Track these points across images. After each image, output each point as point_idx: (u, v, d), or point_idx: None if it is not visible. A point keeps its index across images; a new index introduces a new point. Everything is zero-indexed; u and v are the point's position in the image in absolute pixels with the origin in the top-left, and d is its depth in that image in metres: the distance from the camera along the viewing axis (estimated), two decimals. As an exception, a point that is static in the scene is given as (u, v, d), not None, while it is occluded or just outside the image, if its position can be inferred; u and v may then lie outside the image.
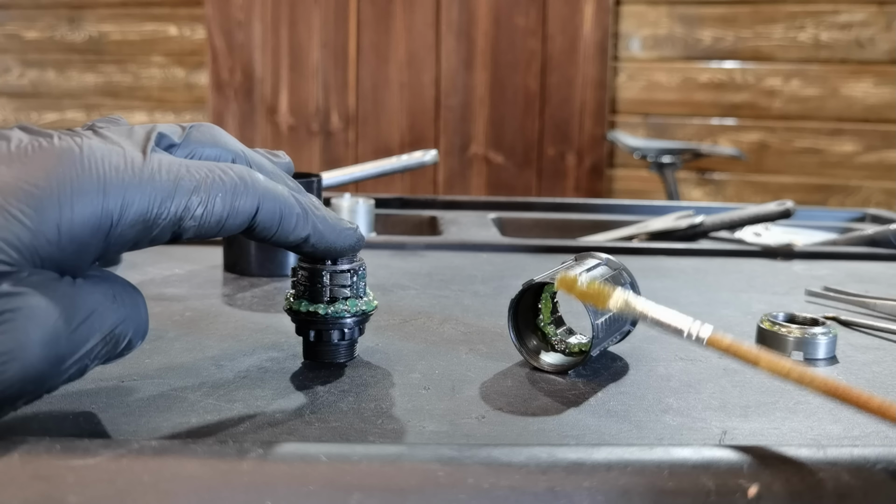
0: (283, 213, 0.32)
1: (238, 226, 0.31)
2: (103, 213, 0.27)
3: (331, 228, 0.34)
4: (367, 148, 2.61)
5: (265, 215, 0.31)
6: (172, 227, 0.29)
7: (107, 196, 0.27)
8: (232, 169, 0.31)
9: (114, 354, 0.29)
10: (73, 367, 0.27)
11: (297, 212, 0.33)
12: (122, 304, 0.29)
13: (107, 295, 0.28)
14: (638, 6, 2.42)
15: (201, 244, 0.66)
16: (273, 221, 0.32)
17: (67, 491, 0.23)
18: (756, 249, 0.69)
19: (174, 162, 0.30)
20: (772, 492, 0.25)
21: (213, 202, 0.30)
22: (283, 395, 0.34)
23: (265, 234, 0.32)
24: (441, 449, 0.26)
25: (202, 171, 0.30)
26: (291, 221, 0.32)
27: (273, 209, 0.32)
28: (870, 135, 2.31)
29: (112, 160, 0.28)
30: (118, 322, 0.28)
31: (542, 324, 0.39)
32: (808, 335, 0.40)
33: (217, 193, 0.30)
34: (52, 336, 0.26)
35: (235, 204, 0.30)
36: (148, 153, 0.29)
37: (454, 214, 0.88)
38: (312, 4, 2.59)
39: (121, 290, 0.29)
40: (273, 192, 0.32)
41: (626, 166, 2.51)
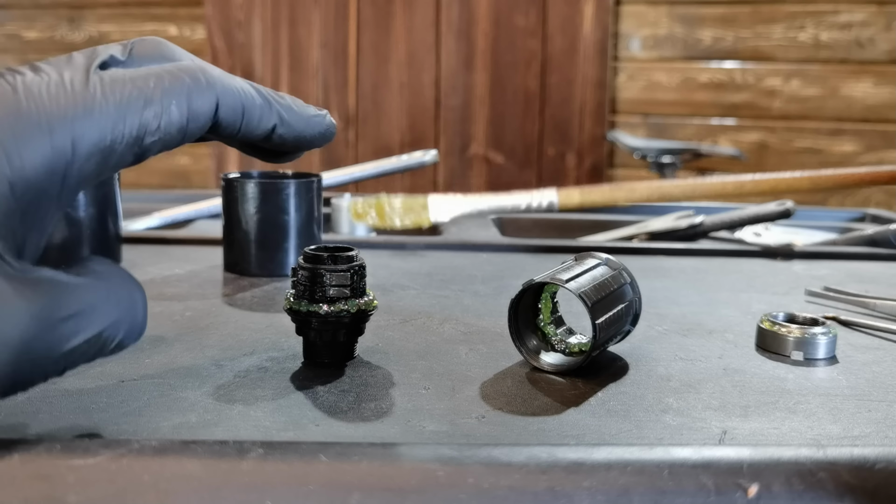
0: (245, 104, 0.30)
1: (201, 127, 0.29)
2: (55, 154, 0.26)
3: (297, 116, 0.33)
4: (367, 148, 2.61)
5: (226, 111, 0.30)
6: (132, 148, 0.27)
7: (54, 134, 0.25)
8: (182, 70, 0.29)
9: (101, 355, 0.27)
10: (50, 369, 0.25)
11: (258, 102, 0.31)
12: (117, 304, 0.27)
13: (99, 293, 0.27)
14: (638, 6, 2.42)
15: (201, 244, 0.66)
16: (236, 116, 0.30)
17: (67, 491, 0.23)
18: (756, 249, 0.69)
19: (118, 78, 0.27)
20: (772, 492, 0.25)
21: (168, 111, 0.28)
22: (283, 395, 0.34)
23: (230, 130, 0.30)
24: (441, 449, 0.26)
25: (151, 80, 0.28)
26: (255, 113, 0.31)
27: (234, 104, 0.30)
28: (870, 135, 2.31)
29: (52, 92, 0.26)
30: (108, 324, 0.27)
31: (542, 324, 0.39)
32: (808, 335, 0.40)
33: (171, 100, 0.28)
34: (21, 337, 0.24)
35: (193, 106, 0.29)
36: (91, 77, 0.27)
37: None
38: (312, 4, 2.59)
39: (118, 288, 0.27)
40: (231, 86, 0.30)
41: (626, 166, 2.51)
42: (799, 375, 0.38)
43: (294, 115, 0.33)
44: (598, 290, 0.37)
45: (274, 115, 0.32)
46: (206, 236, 0.68)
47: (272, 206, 0.54)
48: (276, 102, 0.32)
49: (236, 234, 0.55)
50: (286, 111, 0.32)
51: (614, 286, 0.39)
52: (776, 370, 0.39)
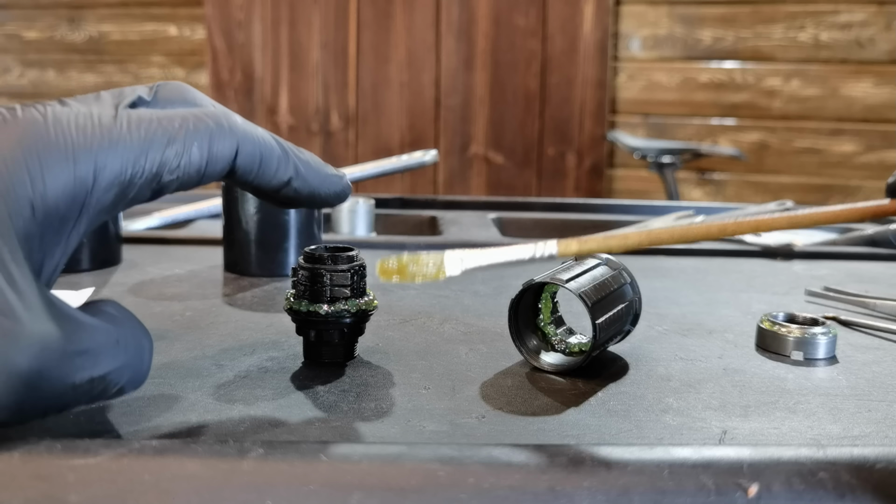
0: (263, 154, 0.31)
1: (219, 172, 0.30)
2: (76, 182, 0.26)
3: (314, 172, 0.33)
4: (367, 148, 2.61)
5: (245, 158, 0.30)
6: (150, 184, 0.28)
7: (77, 163, 0.26)
8: (206, 114, 0.30)
9: (102, 398, 0.27)
10: (52, 403, 0.25)
11: (277, 153, 0.32)
12: (125, 349, 0.27)
13: (110, 336, 0.27)
14: (638, 6, 2.42)
15: (201, 244, 0.66)
16: (253, 164, 0.31)
17: (68, 490, 0.23)
18: (756, 249, 0.69)
19: (144, 116, 0.28)
20: (772, 492, 0.25)
21: (189, 151, 0.29)
22: (283, 395, 0.34)
23: (246, 177, 0.31)
24: (441, 449, 0.26)
25: (176, 121, 0.29)
26: (272, 163, 0.31)
27: (252, 151, 0.31)
28: (870, 135, 2.31)
29: (79, 123, 0.27)
30: (114, 367, 0.27)
31: (542, 324, 0.39)
32: (808, 335, 0.40)
33: (193, 141, 0.29)
34: (30, 366, 0.24)
35: (214, 150, 0.29)
36: (119, 112, 0.28)
37: (454, 214, 0.88)
38: (312, 4, 2.59)
39: (128, 335, 0.28)
40: (252, 134, 0.31)
41: (626, 166, 2.51)
42: (799, 375, 0.38)
43: (311, 171, 0.33)
44: (598, 290, 0.37)
45: (291, 167, 0.32)
46: (206, 236, 0.68)
47: (272, 207, 0.54)
48: (295, 156, 0.33)
49: (236, 234, 0.56)
50: (303, 166, 0.33)
51: (614, 286, 0.39)
52: (776, 370, 0.39)
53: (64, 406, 0.26)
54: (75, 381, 0.25)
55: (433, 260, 0.32)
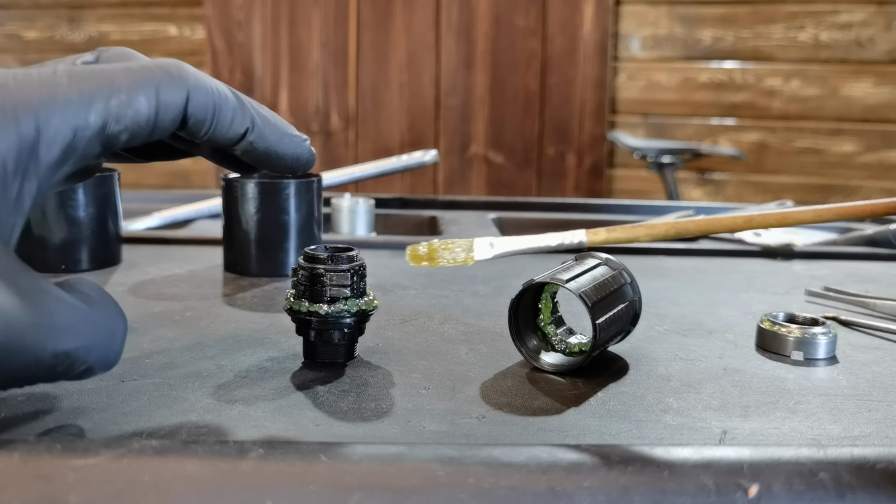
0: (218, 103, 0.30)
1: (171, 121, 0.29)
2: (20, 139, 0.26)
3: (272, 127, 0.32)
4: (367, 148, 2.61)
5: (197, 107, 0.29)
6: (98, 137, 0.27)
7: (18, 120, 0.26)
8: (154, 64, 0.29)
9: (67, 376, 0.27)
10: (7, 379, 0.25)
11: (232, 104, 0.31)
12: (94, 328, 0.27)
13: (77, 314, 0.26)
14: (638, 6, 2.42)
15: (201, 244, 0.66)
16: (206, 113, 0.30)
17: (68, 490, 0.23)
18: (756, 249, 0.69)
19: (86, 70, 0.28)
20: (772, 492, 0.25)
21: (136, 101, 0.28)
22: (283, 395, 0.34)
23: (199, 128, 0.30)
24: (441, 449, 0.26)
25: (119, 71, 0.28)
26: (227, 114, 0.30)
27: (205, 101, 0.29)
28: (870, 135, 2.31)
29: (18, 80, 0.26)
30: (79, 345, 0.26)
31: (543, 324, 0.39)
32: (808, 335, 0.40)
33: (139, 91, 0.28)
34: None
35: (162, 97, 0.28)
36: (58, 69, 0.27)
37: (454, 214, 0.88)
38: (312, 4, 2.59)
39: (100, 315, 0.27)
40: (204, 83, 0.30)
41: (626, 166, 2.51)
42: (799, 375, 0.38)
43: (269, 126, 0.32)
44: (598, 290, 0.37)
45: (247, 119, 0.31)
46: (206, 236, 0.68)
47: (272, 206, 0.54)
48: (253, 109, 0.32)
49: (236, 234, 0.55)
50: (261, 119, 0.32)
51: (614, 286, 0.39)
52: (776, 370, 0.39)
53: (25, 380, 0.26)
54: (37, 355, 0.25)
55: (463, 245, 0.32)
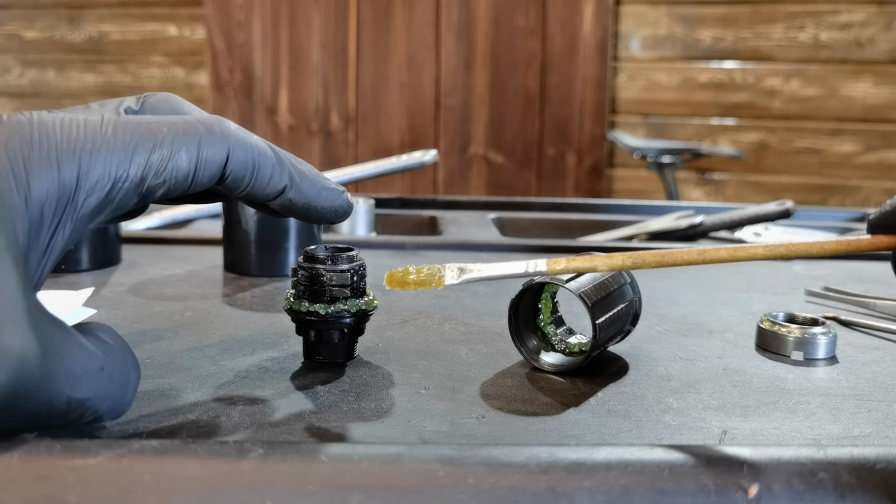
0: (257, 161, 0.30)
1: (210, 177, 0.29)
2: (60, 185, 0.26)
3: (310, 183, 0.32)
4: (367, 148, 2.61)
5: (237, 164, 0.29)
6: (136, 189, 0.28)
7: (61, 167, 0.26)
8: (197, 120, 0.29)
9: (76, 422, 0.26)
10: (22, 421, 0.25)
11: (272, 161, 0.31)
12: (109, 378, 0.27)
13: (94, 362, 0.26)
14: (638, 6, 2.42)
15: (201, 244, 0.66)
16: (245, 170, 0.30)
17: (68, 491, 0.23)
18: (756, 249, 0.69)
19: (132, 121, 0.28)
20: (772, 492, 0.25)
21: (177, 156, 0.28)
22: (283, 395, 0.34)
23: (238, 184, 0.30)
24: (441, 449, 0.26)
25: (164, 126, 0.28)
26: (266, 171, 0.30)
27: (245, 157, 0.30)
28: (870, 135, 2.31)
29: (64, 127, 0.27)
30: (92, 395, 0.26)
31: (542, 324, 0.39)
32: (808, 335, 0.40)
33: (181, 146, 0.28)
34: (7, 376, 0.23)
35: (203, 155, 0.29)
36: (104, 118, 0.28)
37: (454, 214, 0.88)
38: (312, 4, 2.59)
39: (115, 364, 0.27)
40: (245, 140, 0.30)
41: (626, 166, 2.51)
42: (799, 375, 0.38)
43: (307, 182, 0.32)
44: (598, 290, 0.37)
45: (286, 176, 0.31)
46: (206, 236, 0.68)
47: (272, 206, 0.54)
48: (291, 165, 0.32)
49: (236, 234, 0.56)
50: (299, 175, 0.32)
51: (614, 286, 0.39)
52: (776, 370, 0.39)
53: (37, 426, 0.26)
54: (52, 402, 0.25)
55: (434, 270, 0.33)
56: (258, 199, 0.31)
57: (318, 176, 0.33)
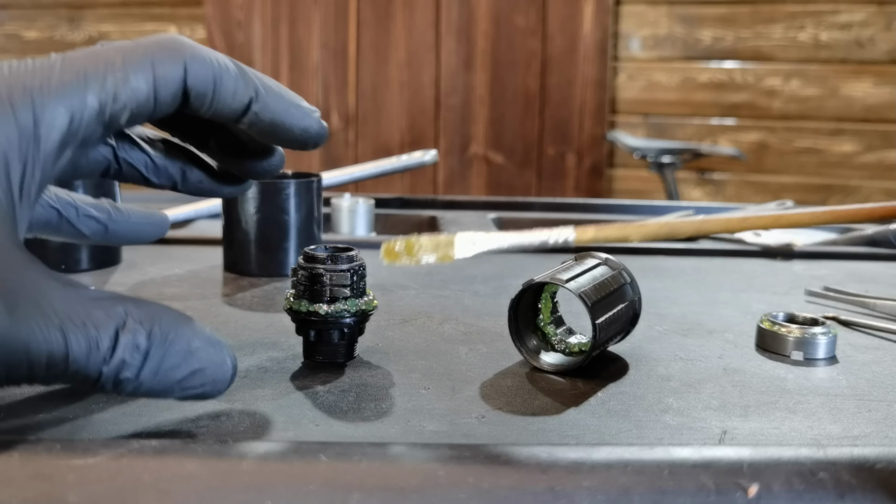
0: (217, 74, 0.29)
1: (172, 96, 0.28)
2: (19, 129, 0.26)
3: (277, 97, 0.31)
4: (367, 148, 2.61)
5: (196, 79, 0.28)
6: (98, 118, 0.27)
7: (16, 110, 0.26)
8: (148, 40, 0.28)
9: (58, 379, 0.26)
10: None
11: (234, 73, 0.29)
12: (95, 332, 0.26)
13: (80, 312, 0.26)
14: (638, 6, 2.42)
15: (201, 244, 0.66)
16: (207, 84, 0.29)
17: (67, 490, 0.23)
18: (756, 249, 0.69)
19: (80, 53, 0.27)
20: (772, 492, 0.25)
21: (133, 78, 0.27)
22: (283, 395, 0.34)
23: (203, 101, 0.29)
24: (441, 449, 0.26)
25: (114, 50, 0.27)
26: (229, 84, 0.29)
27: (204, 72, 0.29)
28: (870, 135, 2.31)
29: (13, 70, 0.26)
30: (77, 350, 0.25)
31: (542, 324, 0.39)
32: (808, 335, 0.40)
33: (135, 68, 0.27)
34: None
35: (159, 72, 0.28)
36: (52, 56, 0.27)
37: (454, 214, 0.88)
38: (312, 4, 2.59)
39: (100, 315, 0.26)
40: (202, 54, 0.29)
41: (626, 166, 2.51)
42: (799, 375, 0.38)
43: (274, 96, 0.31)
44: (598, 289, 0.37)
45: (250, 88, 0.30)
46: (206, 236, 0.68)
47: (272, 206, 0.54)
48: (257, 78, 0.30)
49: (236, 234, 0.55)
50: (265, 89, 0.30)
51: (614, 286, 0.39)
52: (776, 370, 0.39)
53: (22, 378, 0.25)
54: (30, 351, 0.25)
55: (442, 241, 0.32)
56: (226, 116, 0.30)
57: (287, 92, 0.31)
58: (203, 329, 0.28)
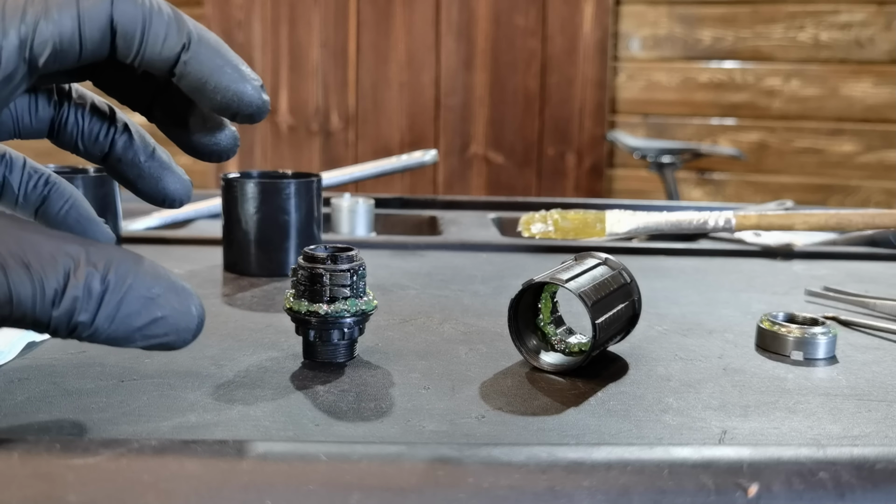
0: (147, 15, 0.27)
1: (98, 32, 0.27)
2: None
3: (212, 52, 0.28)
4: (367, 148, 2.61)
5: (123, 17, 0.27)
6: (19, 54, 0.26)
7: None
8: None
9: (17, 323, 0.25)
10: None
11: (166, 18, 0.27)
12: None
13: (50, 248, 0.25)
14: (638, 6, 2.42)
15: (201, 244, 0.66)
16: (136, 25, 0.27)
17: (67, 490, 0.23)
18: (756, 249, 0.69)
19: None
20: (772, 492, 0.25)
21: (55, 11, 0.26)
22: (283, 395, 0.34)
23: (131, 45, 0.27)
24: (441, 449, 0.26)
25: None
26: (160, 28, 0.27)
27: (132, 11, 0.27)
28: (870, 135, 2.31)
29: None
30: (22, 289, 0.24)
31: (542, 323, 0.39)
32: (808, 335, 0.40)
33: (55, 1, 0.26)
34: None
35: (83, 6, 0.26)
36: None
37: (454, 214, 0.88)
38: (312, 4, 2.59)
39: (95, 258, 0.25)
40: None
41: (625, 166, 2.51)
42: (799, 375, 0.38)
43: (207, 50, 0.28)
44: (597, 289, 0.37)
45: (184, 35, 0.28)
46: (206, 236, 0.68)
47: (272, 206, 0.54)
48: (195, 28, 0.28)
49: (236, 234, 0.55)
50: (199, 39, 0.28)
51: (614, 286, 0.39)
52: (776, 370, 0.39)
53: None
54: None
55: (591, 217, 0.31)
56: (158, 66, 0.28)
57: (228, 51, 0.29)
58: (167, 275, 0.27)
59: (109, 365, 0.36)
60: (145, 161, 0.33)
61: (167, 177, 0.33)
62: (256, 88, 0.29)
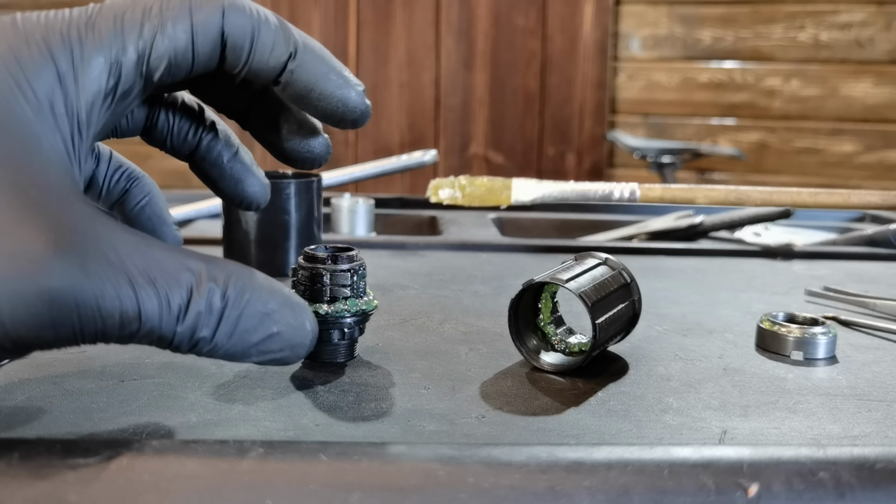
0: (256, 25, 0.28)
1: (210, 44, 0.27)
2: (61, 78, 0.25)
3: (318, 59, 0.29)
4: (367, 148, 2.61)
5: (234, 27, 0.27)
6: (137, 68, 0.26)
7: (57, 60, 0.25)
8: None
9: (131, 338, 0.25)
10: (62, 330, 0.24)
11: (273, 26, 0.28)
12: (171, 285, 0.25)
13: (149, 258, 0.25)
14: (638, 6, 2.42)
15: (201, 245, 0.66)
16: (245, 35, 0.27)
17: (67, 490, 0.23)
18: (756, 249, 0.69)
19: (117, 2, 0.27)
20: (772, 491, 0.25)
21: (172, 27, 0.26)
22: (283, 395, 0.34)
23: (240, 55, 0.28)
24: (441, 448, 0.26)
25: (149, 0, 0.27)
26: (268, 38, 0.28)
27: (243, 21, 0.27)
28: (869, 135, 2.31)
29: (50, 20, 0.26)
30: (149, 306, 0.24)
31: (542, 323, 0.39)
32: (808, 335, 0.40)
33: (173, 15, 0.27)
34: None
35: (196, 19, 0.27)
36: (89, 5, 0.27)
37: (454, 214, 0.88)
38: (312, 4, 2.59)
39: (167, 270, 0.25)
40: (240, 3, 0.28)
41: (625, 166, 2.51)
42: (799, 375, 0.38)
43: (314, 57, 0.29)
44: (598, 289, 0.37)
45: (290, 43, 0.28)
46: (206, 236, 0.68)
47: (272, 206, 0.54)
48: (299, 36, 0.29)
49: (236, 234, 0.55)
50: (305, 47, 0.29)
51: (614, 286, 0.39)
52: (776, 370, 0.39)
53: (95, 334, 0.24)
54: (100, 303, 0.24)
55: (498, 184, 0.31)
56: (265, 75, 0.28)
57: (331, 58, 0.29)
58: (282, 289, 0.27)
59: (110, 365, 0.36)
60: (228, 161, 0.33)
61: (248, 178, 0.33)
62: (360, 94, 0.30)
